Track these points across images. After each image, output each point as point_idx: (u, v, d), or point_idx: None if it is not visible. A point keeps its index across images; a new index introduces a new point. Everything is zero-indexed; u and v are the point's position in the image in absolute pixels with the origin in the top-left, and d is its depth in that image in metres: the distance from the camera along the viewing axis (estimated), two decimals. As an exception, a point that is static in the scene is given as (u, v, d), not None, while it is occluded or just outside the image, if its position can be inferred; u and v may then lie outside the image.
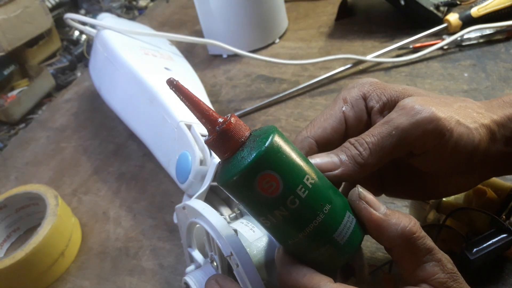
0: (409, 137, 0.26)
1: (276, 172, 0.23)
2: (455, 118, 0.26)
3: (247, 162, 0.23)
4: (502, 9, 0.61)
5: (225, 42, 0.67)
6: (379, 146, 0.26)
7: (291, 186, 0.24)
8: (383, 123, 0.27)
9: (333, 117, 0.30)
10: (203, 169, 0.43)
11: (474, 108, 0.28)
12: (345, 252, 0.25)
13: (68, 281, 0.48)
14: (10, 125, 0.82)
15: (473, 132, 0.26)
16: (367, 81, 0.31)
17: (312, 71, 0.66)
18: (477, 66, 0.57)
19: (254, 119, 0.62)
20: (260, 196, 0.23)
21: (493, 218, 0.33)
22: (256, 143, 0.24)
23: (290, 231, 0.25)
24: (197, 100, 0.24)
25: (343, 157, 0.27)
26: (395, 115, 0.27)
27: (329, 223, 0.25)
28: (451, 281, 0.24)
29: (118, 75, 0.57)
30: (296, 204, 0.24)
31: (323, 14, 0.81)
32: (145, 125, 0.54)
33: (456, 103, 0.28)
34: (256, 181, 0.23)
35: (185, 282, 0.32)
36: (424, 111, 0.26)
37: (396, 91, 0.29)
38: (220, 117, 0.24)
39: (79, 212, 0.55)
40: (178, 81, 0.24)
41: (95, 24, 0.64)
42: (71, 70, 0.95)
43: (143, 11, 1.09)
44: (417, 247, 0.25)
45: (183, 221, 0.36)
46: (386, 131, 0.26)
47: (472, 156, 0.27)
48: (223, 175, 0.24)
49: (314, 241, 0.25)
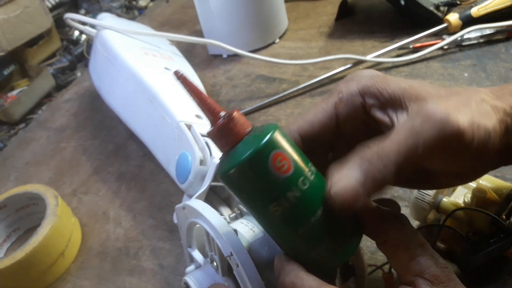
0: (435, 149, 0.24)
1: (286, 153, 0.24)
2: (476, 121, 0.24)
3: (260, 143, 0.23)
4: (502, 9, 0.61)
5: (225, 42, 0.67)
6: (404, 163, 0.23)
7: (300, 166, 0.24)
8: (409, 135, 0.24)
9: (323, 112, 0.28)
10: (203, 169, 0.43)
11: (489, 100, 0.26)
12: (352, 240, 0.26)
13: (68, 281, 0.48)
14: (10, 125, 0.83)
15: (490, 134, 0.24)
16: (367, 73, 0.28)
17: (312, 71, 0.66)
18: (477, 66, 0.57)
19: (254, 119, 0.61)
20: (273, 177, 0.23)
21: (493, 218, 0.33)
22: (264, 129, 0.24)
23: (303, 216, 0.24)
24: (201, 92, 0.25)
25: (361, 176, 0.23)
26: (420, 123, 0.24)
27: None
28: (443, 276, 0.24)
29: (118, 75, 0.57)
30: (307, 185, 0.24)
31: (323, 14, 0.81)
32: (145, 125, 0.54)
33: (472, 98, 0.26)
34: (270, 160, 0.23)
35: (185, 282, 0.32)
36: (452, 122, 0.23)
37: (401, 88, 0.26)
38: (224, 110, 0.25)
39: (79, 212, 0.55)
40: (183, 73, 0.25)
41: (95, 24, 0.64)
42: (71, 70, 0.95)
43: (143, 11, 1.09)
44: (410, 240, 0.25)
45: (183, 221, 0.36)
46: (413, 146, 0.23)
47: (486, 156, 0.25)
48: (227, 164, 0.24)
49: (325, 226, 0.25)
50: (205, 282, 0.31)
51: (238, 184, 0.24)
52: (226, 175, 0.24)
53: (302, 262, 0.25)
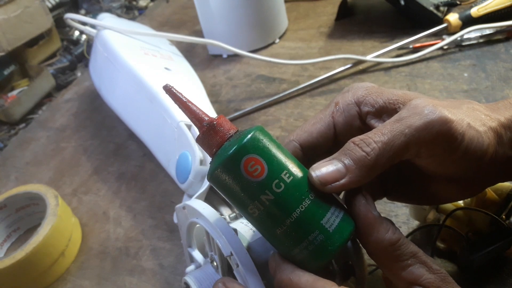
0: (421, 138, 0.25)
1: (260, 156, 0.24)
2: (466, 120, 0.25)
3: (232, 148, 0.24)
4: (502, 9, 0.61)
5: (225, 42, 0.67)
6: (389, 146, 0.24)
7: (276, 170, 0.25)
8: (394, 121, 0.25)
9: (321, 122, 0.29)
10: (203, 169, 0.43)
11: (482, 110, 0.27)
12: (336, 241, 0.25)
13: (68, 281, 0.48)
14: (10, 125, 0.83)
15: (482, 136, 0.25)
16: (362, 85, 0.29)
17: (312, 71, 0.67)
18: (477, 66, 0.57)
19: (254, 119, 0.62)
20: (246, 181, 0.24)
21: (493, 218, 0.33)
22: (242, 134, 0.25)
23: (278, 218, 0.25)
24: (187, 101, 0.27)
25: (347, 161, 0.25)
26: (407, 113, 0.25)
27: (317, 208, 0.25)
28: (439, 281, 0.24)
29: (118, 75, 0.57)
30: (282, 188, 0.24)
31: (323, 14, 0.81)
32: (145, 125, 0.54)
33: (463, 105, 0.27)
34: (241, 165, 0.24)
35: (185, 282, 0.32)
36: (437, 112, 0.24)
37: (395, 95, 0.27)
38: (208, 116, 0.26)
39: (79, 212, 0.55)
40: (172, 87, 0.26)
41: (95, 24, 0.64)
42: (71, 70, 0.95)
43: (143, 11, 1.09)
44: (400, 252, 0.25)
45: (183, 221, 0.36)
46: (398, 129, 0.25)
47: (481, 161, 0.26)
48: (211, 166, 0.25)
49: (303, 227, 0.25)
50: (205, 282, 0.31)
51: (220, 186, 0.26)
52: (209, 177, 0.26)
53: (290, 260, 0.26)
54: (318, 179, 0.25)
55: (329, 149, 0.30)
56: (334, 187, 0.25)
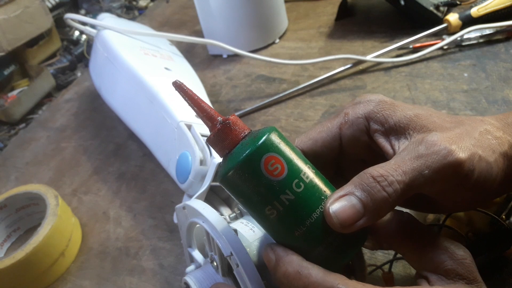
0: (437, 179, 0.24)
1: (280, 155, 0.24)
2: (478, 153, 0.24)
3: (251, 147, 0.24)
4: (502, 9, 0.61)
5: (225, 42, 0.67)
6: (410, 187, 0.23)
7: (295, 169, 0.24)
8: (414, 158, 0.24)
9: (328, 131, 0.29)
10: (203, 169, 0.43)
11: (493, 131, 0.26)
12: (355, 241, 0.25)
13: (68, 281, 0.48)
14: (10, 125, 0.82)
15: (492, 166, 0.25)
16: (375, 98, 0.28)
17: (312, 71, 0.67)
18: (477, 66, 0.57)
19: (254, 119, 0.62)
20: (266, 180, 0.24)
21: (493, 218, 0.33)
22: (259, 133, 0.25)
23: (298, 218, 0.24)
24: (198, 99, 0.26)
25: (364, 196, 0.23)
26: (425, 151, 0.24)
27: None
28: (461, 269, 0.24)
29: (118, 75, 0.57)
30: (302, 188, 0.24)
31: (323, 14, 0.81)
32: (145, 125, 0.54)
33: (476, 129, 0.26)
34: (262, 163, 0.24)
35: (185, 282, 0.32)
36: (454, 154, 0.24)
37: (407, 118, 0.26)
38: (221, 115, 0.26)
39: (79, 212, 0.55)
40: (182, 83, 0.25)
41: (95, 24, 0.64)
42: (71, 70, 0.95)
43: (143, 11, 1.09)
44: (420, 237, 0.25)
45: (183, 221, 0.36)
46: (418, 169, 0.23)
47: (489, 188, 0.25)
48: (225, 167, 0.25)
49: (323, 228, 0.24)
50: (205, 282, 0.31)
51: (234, 187, 0.25)
52: (222, 179, 0.25)
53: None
54: (339, 222, 0.24)
55: (334, 159, 0.30)
56: (354, 228, 0.24)
